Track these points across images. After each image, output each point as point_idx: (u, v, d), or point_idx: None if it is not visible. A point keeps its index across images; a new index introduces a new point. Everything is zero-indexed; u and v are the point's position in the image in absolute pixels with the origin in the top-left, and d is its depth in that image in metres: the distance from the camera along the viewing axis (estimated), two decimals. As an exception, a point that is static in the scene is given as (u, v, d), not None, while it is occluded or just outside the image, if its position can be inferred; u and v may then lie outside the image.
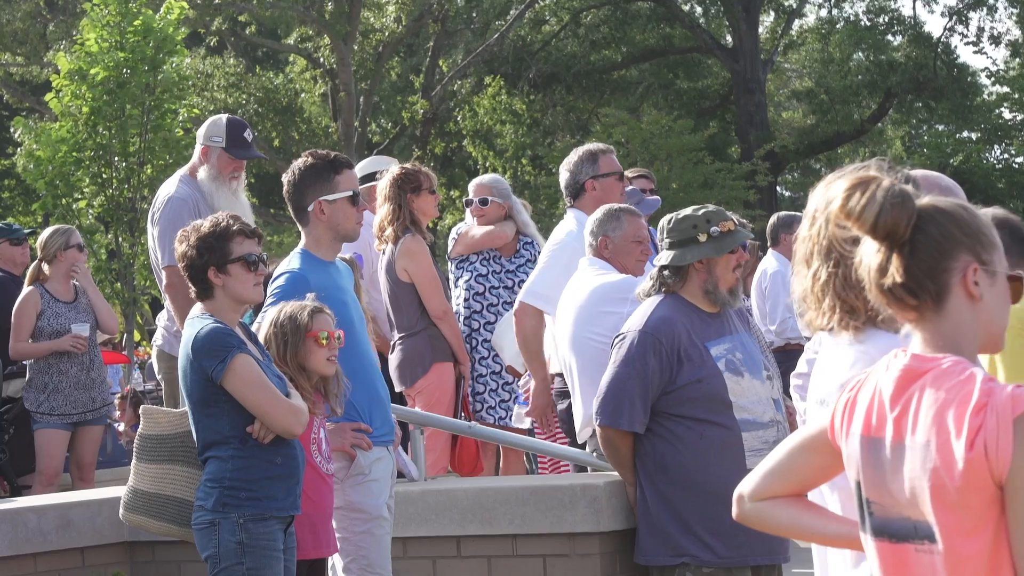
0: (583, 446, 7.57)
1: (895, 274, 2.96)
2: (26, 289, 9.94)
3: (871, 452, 2.96)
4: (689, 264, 6.41)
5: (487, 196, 9.19)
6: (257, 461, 5.74)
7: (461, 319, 8.98)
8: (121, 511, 6.09)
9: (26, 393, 9.84)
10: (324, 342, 5.97)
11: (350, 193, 6.44)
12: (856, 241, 3.08)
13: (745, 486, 3.21)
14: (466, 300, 9.05)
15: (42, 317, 9.82)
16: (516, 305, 8.06)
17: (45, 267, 9.96)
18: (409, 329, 8.64)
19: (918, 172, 4.22)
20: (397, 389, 8.62)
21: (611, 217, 7.36)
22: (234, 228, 5.83)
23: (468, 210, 9.32)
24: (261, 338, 6.01)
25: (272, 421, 5.70)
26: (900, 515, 2.91)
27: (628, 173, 9.39)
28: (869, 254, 3.00)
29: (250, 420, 5.73)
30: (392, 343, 8.74)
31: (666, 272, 6.46)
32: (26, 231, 11.00)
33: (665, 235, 6.49)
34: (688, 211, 6.51)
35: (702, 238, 6.39)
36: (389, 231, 8.63)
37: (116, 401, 17.07)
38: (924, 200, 3.00)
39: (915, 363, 2.94)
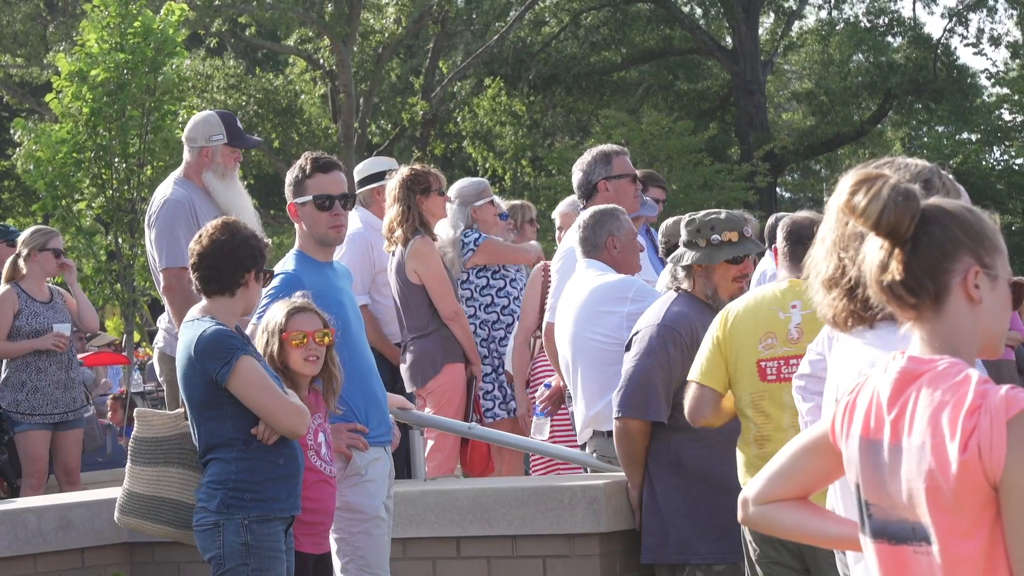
0: (583, 447, 7.58)
1: (895, 271, 2.96)
2: (2, 288, 9.86)
3: (870, 454, 2.97)
4: (692, 265, 6.52)
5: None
6: (261, 463, 5.75)
7: (492, 326, 9.00)
8: (116, 514, 6.07)
9: (1, 392, 9.72)
10: (296, 343, 5.97)
11: (310, 198, 6.44)
12: (862, 237, 3.08)
13: (750, 490, 3.21)
14: (486, 308, 9.08)
15: (19, 316, 9.75)
16: (544, 326, 8.08)
17: (21, 263, 9.88)
18: (420, 330, 8.61)
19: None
20: (408, 390, 8.62)
21: (611, 217, 7.39)
22: (265, 243, 5.96)
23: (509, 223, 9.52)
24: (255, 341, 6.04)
25: (277, 422, 5.71)
26: (898, 517, 2.92)
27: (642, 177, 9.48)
28: (872, 250, 3.00)
29: (253, 422, 5.73)
30: (404, 344, 8.72)
31: (679, 268, 6.59)
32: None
33: (681, 234, 6.63)
34: (702, 213, 6.64)
35: (702, 243, 6.49)
36: (399, 232, 8.59)
37: (109, 401, 17.06)
38: (930, 200, 2.99)
39: (912, 365, 2.95)
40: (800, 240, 5.76)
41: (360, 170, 9.42)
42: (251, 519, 5.72)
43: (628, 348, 6.70)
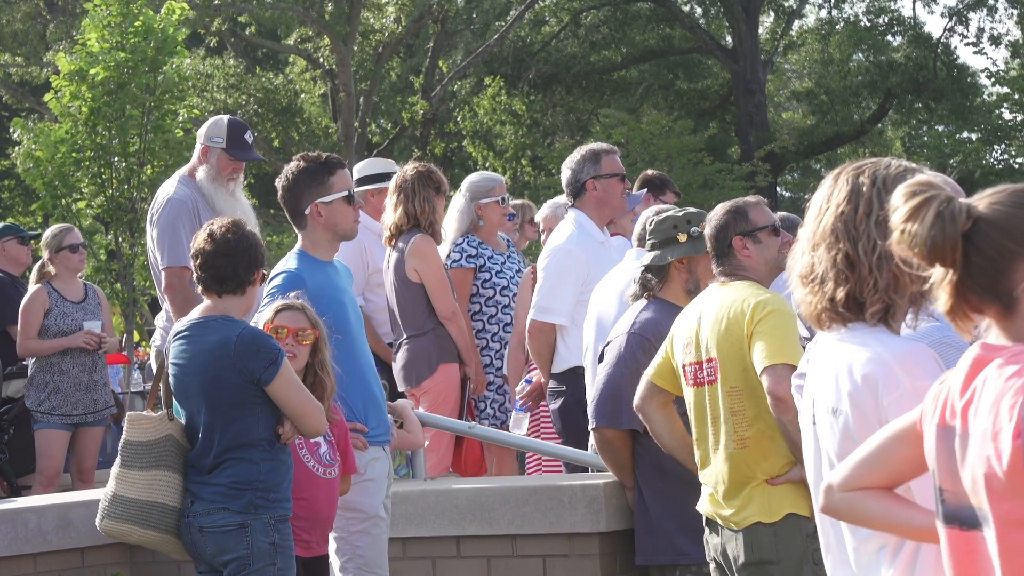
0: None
1: (947, 298, 2.96)
2: (34, 287, 9.96)
3: (944, 440, 2.95)
4: (670, 264, 6.45)
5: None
6: (280, 463, 5.81)
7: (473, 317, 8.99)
8: (101, 520, 5.94)
9: (27, 391, 9.84)
10: (276, 335, 5.97)
11: (345, 193, 6.46)
12: (834, 236, 3.21)
13: (834, 476, 3.20)
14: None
15: (49, 315, 9.81)
16: (528, 323, 8.07)
17: (49, 265, 9.99)
18: (417, 329, 8.57)
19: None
20: (401, 388, 8.58)
21: None
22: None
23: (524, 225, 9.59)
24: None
25: (306, 422, 5.74)
26: (968, 503, 2.90)
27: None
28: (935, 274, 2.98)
29: (276, 422, 5.76)
30: (398, 342, 8.68)
31: (649, 274, 6.49)
32: (31, 234, 11.00)
33: (647, 236, 6.55)
34: (670, 212, 6.58)
35: (682, 238, 6.44)
36: (404, 228, 8.51)
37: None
38: (977, 210, 2.97)
39: (984, 352, 2.94)
40: (723, 241, 5.75)
41: (358, 169, 9.40)
42: (275, 519, 5.76)
43: (601, 359, 6.70)
